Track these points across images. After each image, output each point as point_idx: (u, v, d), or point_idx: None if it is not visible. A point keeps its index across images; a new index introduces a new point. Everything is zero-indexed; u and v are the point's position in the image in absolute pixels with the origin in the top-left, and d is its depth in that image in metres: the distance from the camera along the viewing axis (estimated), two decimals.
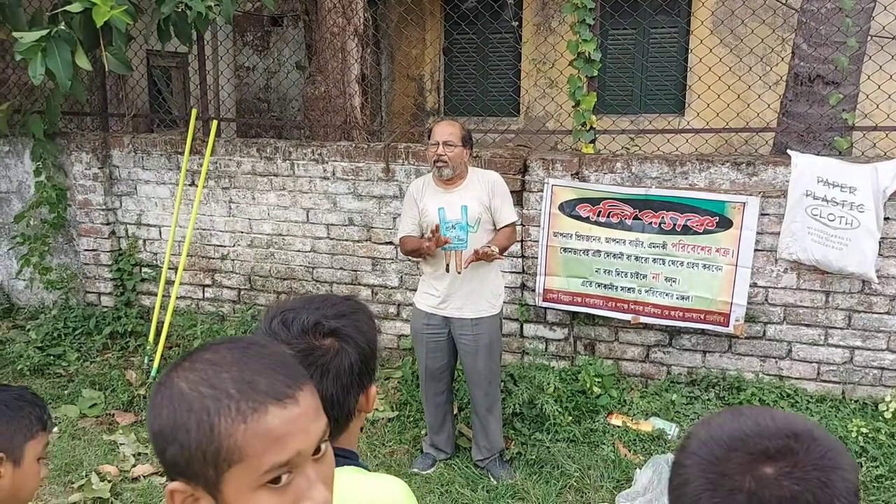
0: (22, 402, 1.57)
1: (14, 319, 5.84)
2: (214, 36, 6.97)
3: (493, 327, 3.81)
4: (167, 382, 0.89)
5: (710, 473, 0.84)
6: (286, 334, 1.26)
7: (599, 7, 4.55)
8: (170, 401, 0.87)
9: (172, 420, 0.86)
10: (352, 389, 1.28)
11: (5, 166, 5.89)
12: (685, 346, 4.46)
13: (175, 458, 0.87)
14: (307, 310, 1.30)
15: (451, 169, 3.65)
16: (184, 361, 0.91)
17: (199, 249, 5.43)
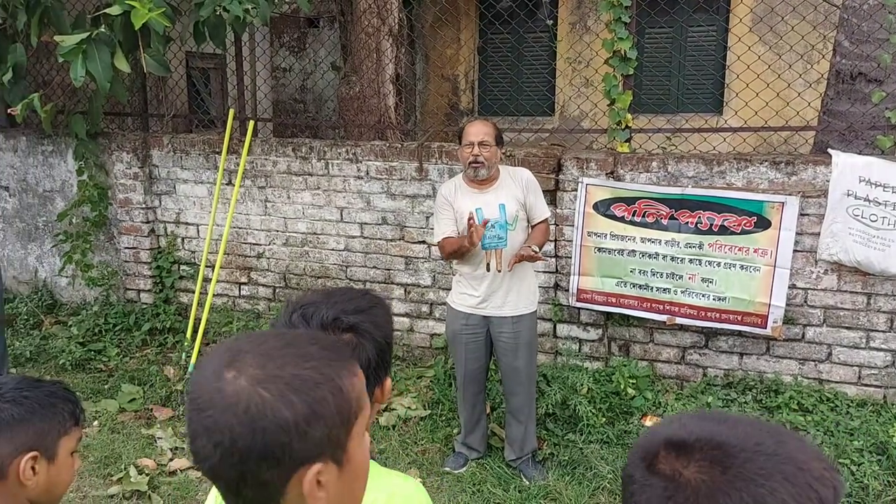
0: (54, 398, 1.58)
1: (57, 315, 5.98)
2: (252, 37, 7.06)
3: (531, 325, 3.80)
4: (263, 380, 0.87)
5: (638, 459, 0.88)
6: (305, 329, 1.29)
7: (636, 5, 4.50)
8: (290, 387, 0.87)
9: (308, 400, 0.87)
10: (368, 383, 1.28)
11: (49, 165, 6.04)
12: (722, 348, 4.40)
13: (321, 437, 0.88)
14: (326, 305, 1.32)
15: (487, 169, 3.64)
16: (243, 361, 0.89)
17: (236, 248, 5.51)
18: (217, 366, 0.90)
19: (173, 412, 4.57)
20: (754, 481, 0.82)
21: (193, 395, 0.90)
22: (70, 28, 4.49)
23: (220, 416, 0.86)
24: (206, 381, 0.89)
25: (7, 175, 6.19)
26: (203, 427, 0.87)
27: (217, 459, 0.87)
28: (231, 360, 0.89)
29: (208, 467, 0.89)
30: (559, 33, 8.01)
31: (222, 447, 0.86)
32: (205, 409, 0.88)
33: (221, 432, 0.86)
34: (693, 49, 7.64)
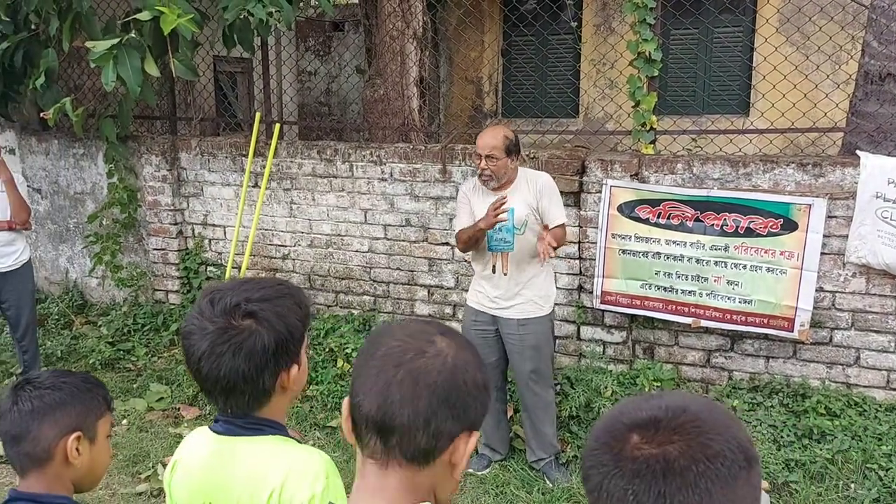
0: (88, 384, 1.67)
1: (87, 315, 6.09)
2: (278, 41, 7.13)
3: (541, 329, 3.79)
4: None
5: (592, 441, 0.91)
6: (210, 312, 1.38)
7: (661, 6, 4.49)
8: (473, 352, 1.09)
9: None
10: (266, 368, 1.38)
11: (80, 168, 6.15)
12: (748, 352, 4.36)
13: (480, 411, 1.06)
14: (234, 291, 1.41)
15: (494, 181, 3.69)
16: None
17: (262, 249, 5.57)
18: (424, 329, 1.09)
19: (200, 411, 4.63)
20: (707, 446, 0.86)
21: (393, 346, 1.05)
22: (101, 33, 4.57)
23: (429, 361, 1.03)
24: (414, 337, 1.06)
25: (39, 177, 6.31)
26: (407, 370, 1.02)
27: (414, 399, 1.01)
28: (437, 329, 1.09)
29: (399, 409, 1.01)
30: (583, 35, 7.99)
31: (425, 387, 1.02)
32: (414, 354, 1.04)
33: (429, 375, 1.02)
34: (719, 50, 7.57)
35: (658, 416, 0.88)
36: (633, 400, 0.95)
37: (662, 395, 0.94)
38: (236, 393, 1.39)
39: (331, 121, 9.14)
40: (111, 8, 5.95)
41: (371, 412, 1.02)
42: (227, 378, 1.36)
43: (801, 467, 3.77)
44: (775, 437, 3.95)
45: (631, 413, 0.90)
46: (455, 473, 1.06)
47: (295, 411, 4.46)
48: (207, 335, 1.36)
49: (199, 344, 1.37)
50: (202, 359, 1.36)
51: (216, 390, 1.40)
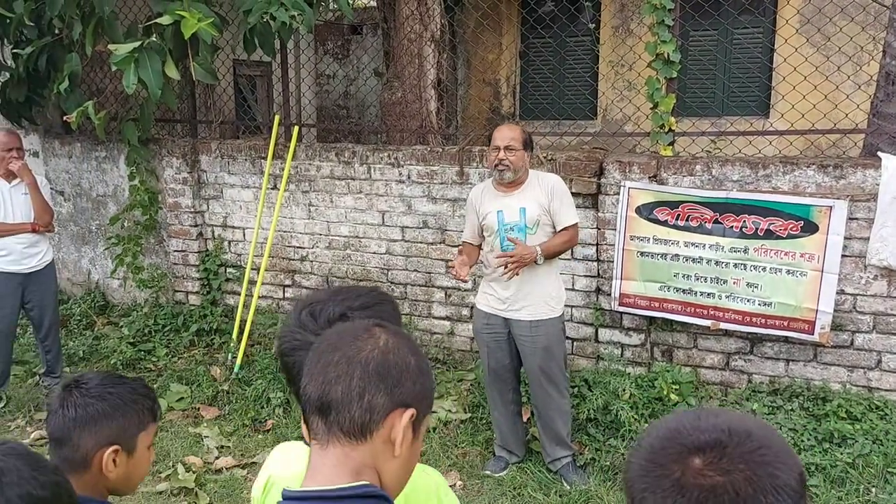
0: (136, 395, 1.67)
1: (109, 316, 6.16)
2: (297, 45, 7.18)
3: (552, 330, 3.78)
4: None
5: (646, 461, 0.88)
6: (313, 325, 1.34)
7: (679, 8, 4.47)
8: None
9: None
10: None
11: (102, 171, 6.23)
12: (767, 354, 4.33)
13: (418, 391, 1.14)
14: (333, 301, 1.38)
15: (512, 172, 3.68)
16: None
17: (280, 251, 5.60)
18: (367, 325, 1.16)
19: (220, 411, 4.67)
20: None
21: (335, 337, 1.13)
22: (123, 38, 4.63)
23: (363, 344, 1.11)
24: (355, 328, 1.14)
25: (62, 180, 6.40)
26: (343, 353, 1.10)
27: (347, 376, 1.08)
28: (377, 324, 1.16)
29: (335, 386, 1.07)
30: (602, 37, 7.98)
31: (358, 365, 1.09)
32: (350, 339, 1.12)
33: (361, 353, 1.10)
34: (738, 52, 7.52)
35: (722, 441, 0.86)
36: (687, 417, 0.92)
37: (718, 414, 0.91)
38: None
39: (349, 123, 9.18)
40: (133, 12, 6.03)
41: (313, 395, 1.09)
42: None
43: (822, 471, 3.74)
44: (795, 440, 3.92)
45: (690, 433, 0.88)
46: (395, 451, 1.08)
47: None
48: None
49: (306, 358, 1.30)
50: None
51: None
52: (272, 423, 4.50)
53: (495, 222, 3.73)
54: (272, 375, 4.77)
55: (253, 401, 4.66)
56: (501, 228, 3.71)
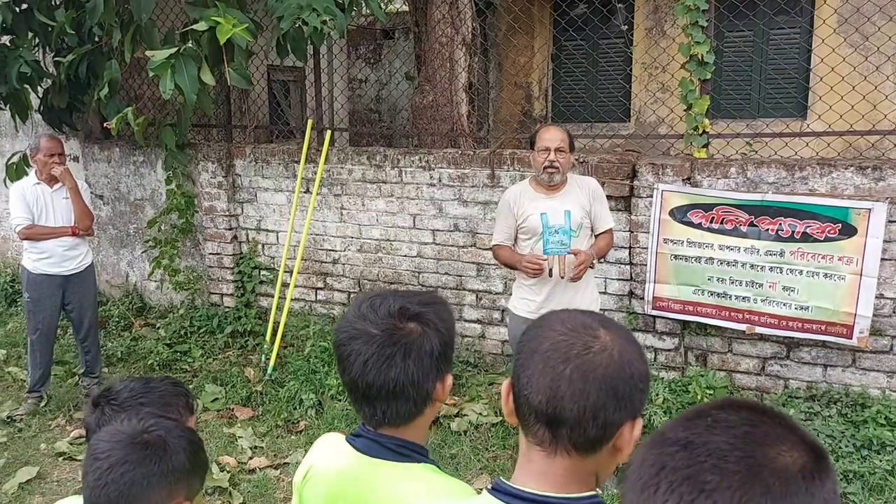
0: (168, 396, 1.70)
1: (146, 318, 6.27)
2: (329, 50, 7.25)
3: None
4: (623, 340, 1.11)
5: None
6: (374, 316, 1.35)
7: (714, 9, 4.43)
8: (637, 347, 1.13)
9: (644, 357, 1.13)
10: (430, 373, 1.35)
11: (140, 175, 6.35)
12: (804, 359, 4.26)
13: (644, 399, 1.12)
14: (393, 297, 1.39)
15: (561, 174, 3.66)
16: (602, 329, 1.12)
17: (313, 254, 5.66)
18: (586, 323, 1.09)
19: (254, 412, 4.72)
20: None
21: (559, 341, 1.07)
22: (161, 45, 4.72)
23: (597, 357, 1.05)
24: (577, 332, 1.07)
25: (102, 184, 6.53)
26: (576, 365, 1.04)
27: (584, 394, 1.03)
28: (599, 321, 1.11)
29: (570, 402, 1.03)
30: (635, 38, 7.92)
31: (595, 382, 1.04)
32: (581, 350, 1.05)
33: (597, 370, 1.05)
34: (774, 52, 7.42)
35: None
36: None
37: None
38: (401, 399, 1.34)
39: (381, 127, 9.23)
40: (170, 20, 6.14)
41: (541, 405, 1.05)
42: (395, 381, 1.32)
43: (860, 479, 3.66)
44: (833, 447, 3.85)
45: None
46: (619, 457, 1.08)
47: (344, 414, 4.51)
48: (374, 339, 1.33)
49: (363, 348, 1.33)
50: (368, 362, 1.32)
51: (380, 396, 1.34)
52: (305, 424, 4.54)
53: (539, 224, 3.67)
54: (305, 377, 4.82)
55: (286, 402, 4.71)
56: (546, 231, 3.66)
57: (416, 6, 6.04)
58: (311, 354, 5.04)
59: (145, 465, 1.33)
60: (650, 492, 0.78)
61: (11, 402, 4.90)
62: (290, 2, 4.33)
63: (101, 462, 1.34)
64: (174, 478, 1.35)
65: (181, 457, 1.37)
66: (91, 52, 5.33)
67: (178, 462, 1.36)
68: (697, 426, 0.82)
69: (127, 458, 1.33)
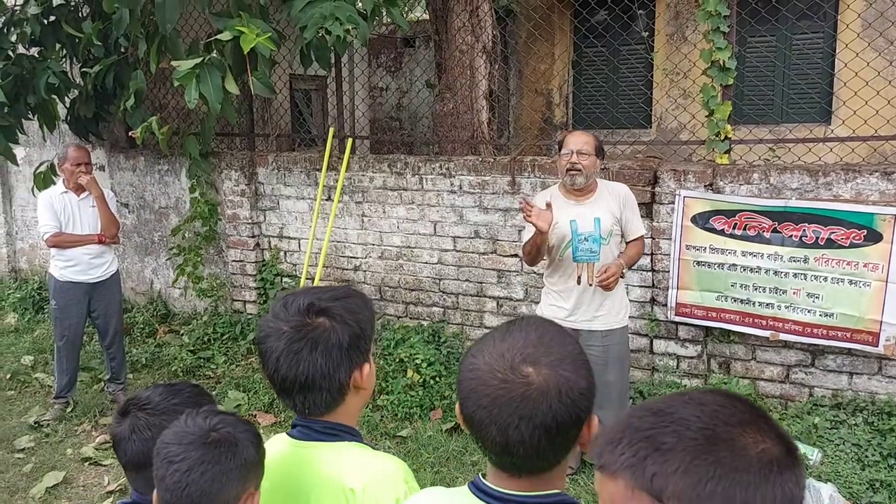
0: (196, 397, 1.73)
1: (170, 324, 6.34)
2: (351, 59, 7.31)
3: (622, 339, 3.76)
4: (556, 364, 1.13)
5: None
6: (285, 314, 1.43)
7: (735, 14, 4.41)
8: (573, 363, 1.15)
9: (587, 368, 1.16)
10: (341, 364, 1.42)
11: (165, 184, 6.43)
12: (829, 367, 4.21)
13: (589, 408, 1.17)
14: (305, 294, 1.46)
15: (584, 178, 3.62)
16: (529, 355, 1.12)
17: (334, 261, 5.69)
18: (512, 364, 1.08)
19: (276, 418, 4.75)
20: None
21: (496, 395, 1.08)
22: (185, 55, 4.78)
23: (538, 403, 1.06)
24: (508, 381, 1.07)
25: (127, 193, 6.62)
26: (520, 416, 1.06)
27: (535, 439, 1.06)
28: (523, 358, 1.09)
29: (524, 449, 1.07)
30: (656, 44, 7.90)
31: (542, 426, 1.06)
32: (519, 401, 1.06)
33: (542, 414, 1.06)
34: (797, 57, 7.36)
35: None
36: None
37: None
38: (314, 390, 1.42)
39: (401, 135, 9.27)
40: (194, 30, 6.22)
41: (496, 450, 1.12)
42: (306, 375, 1.40)
43: (887, 488, 3.61)
44: (859, 456, 3.80)
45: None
46: (585, 448, 1.13)
47: (365, 420, 4.53)
48: (284, 335, 1.40)
49: (275, 345, 1.41)
50: (280, 358, 1.40)
51: (294, 389, 1.42)
52: None
53: (568, 232, 3.62)
54: None
55: None
56: (575, 238, 3.62)
57: (437, 14, 6.07)
58: None
59: (222, 463, 1.37)
60: (612, 445, 0.85)
61: (39, 408, 4.98)
62: (313, 11, 4.37)
63: (177, 465, 1.37)
64: (247, 470, 1.40)
65: (251, 449, 1.42)
66: (117, 62, 5.42)
67: (249, 455, 1.41)
68: (674, 401, 0.87)
69: (203, 458, 1.37)
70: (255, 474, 1.44)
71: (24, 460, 4.35)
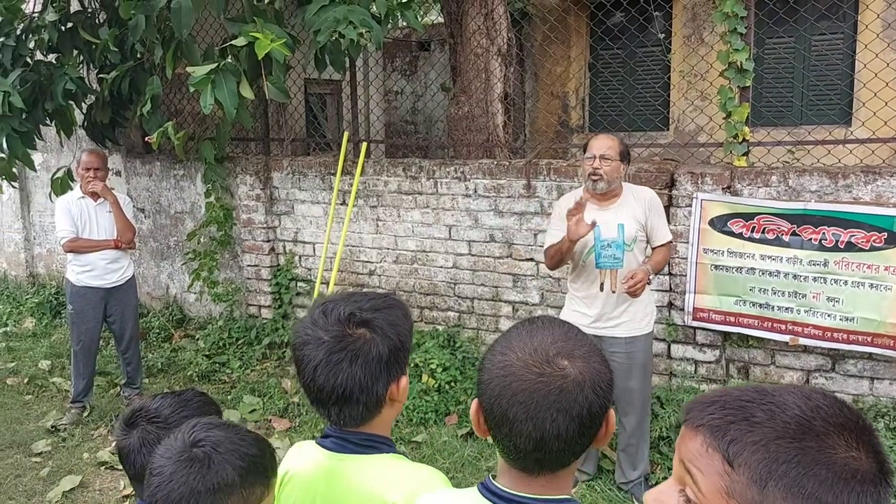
0: (204, 402, 1.74)
1: (186, 329, 6.36)
2: (366, 63, 7.31)
3: (646, 346, 3.70)
4: (586, 357, 1.15)
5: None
6: (324, 322, 1.39)
7: (753, 15, 4.36)
8: (598, 356, 1.16)
9: (606, 361, 1.18)
10: (380, 377, 1.38)
11: (180, 189, 6.45)
12: (850, 372, 4.14)
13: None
14: (345, 302, 1.42)
15: (605, 183, 3.55)
16: (563, 350, 1.13)
17: (349, 265, 5.68)
18: (548, 358, 1.09)
19: (290, 423, 4.74)
20: None
21: (534, 388, 1.08)
22: (200, 60, 4.80)
23: (574, 394, 1.07)
24: (545, 374, 1.08)
25: (143, 198, 6.66)
26: (558, 409, 1.07)
27: (571, 430, 1.07)
28: (557, 351, 1.10)
29: (560, 441, 1.08)
30: (672, 46, 7.84)
31: (579, 417, 1.07)
32: (557, 394, 1.07)
33: (579, 405, 1.07)
34: (816, 59, 7.28)
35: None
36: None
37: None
38: (351, 403, 1.38)
39: (416, 139, 9.27)
40: (209, 36, 6.25)
41: (527, 447, 1.11)
42: (344, 387, 1.36)
43: None
44: None
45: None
46: (601, 444, 1.15)
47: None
48: (323, 344, 1.37)
49: (314, 353, 1.37)
50: (318, 368, 1.36)
51: (330, 401, 1.38)
52: None
53: (591, 237, 3.55)
54: None
55: None
56: (598, 244, 3.55)
57: (452, 17, 6.06)
58: None
59: (190, 482, 1.34)
60: (705, 405, 0.87)
61: (55, 412, 5.00)
62: (327, 15, 4.37)
63: (155, 477, 1.37)
64: (224, 493, 1.35)
65: (227, 471, 1.36)
66: (133, 68, 5.45)
67: (224, 477, 1.36)
68: (782, 388, 0.87)
69: (174, 474, 1.35)
70: (242, 496, 1.38)
71: (41, 464, 4.37)
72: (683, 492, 0.87)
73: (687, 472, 0.87)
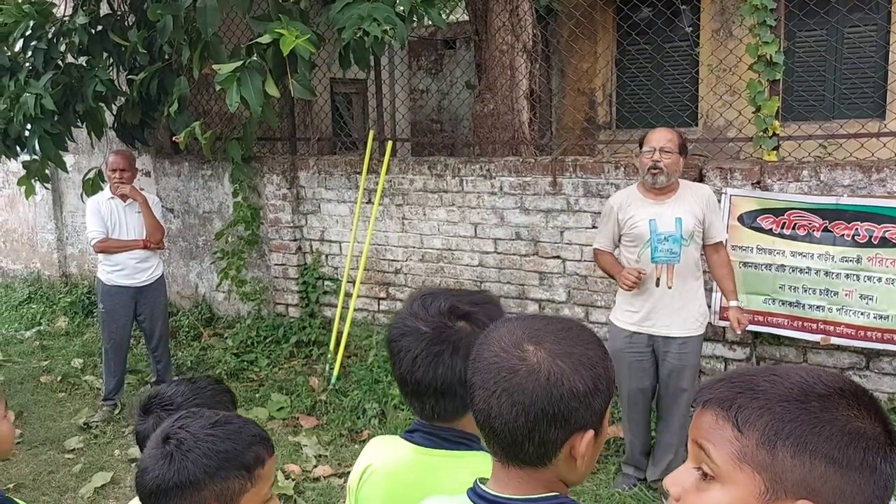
0: (218, 391, 1.77)
1: (214, 328, 6.42)
2: (391, 61, 7.32)
3: (698, 348, 3.65)
4: (559, 354, 1.08)
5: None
6: (424, 314, 1.39)
7: (783, 7, 4.28)
8: (581, 362, 1.07)
9: (593, 375, 1.06)
10: None
11: (208, 189, 6.52)
12: (885, 370, 4.05)
13: (598, 408, 1.08)
14: (445, 296, 1.42)
15: (665, 177, 3.49)
16: (541, 337, 1.08)
17: (375, 264, 5.69)
18: (517, 338, 1.07)
19: (318, 421, 4.77)
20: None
21: (491, 361, 1.07)
22: (227, 59, 4.84)
23: (523, 380, 1.03)
24: (507, 350, 1.06)
25: (172, 198, 6.73)
26: (503, 388, 1.04)
27: (512, 416, 1.03)
28: (531, 336, 1.07)
29: (501, 423, 1.05)
30: (701, 40, 7.74)
31: (521, 406, 1.03)
32: (507, 373, 1.04)
33: (524, 394, 1.02)
34: (849, 50, 7.14)
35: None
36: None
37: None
38: (449, 396, 1.37)
39: (442, 137, 9.26)
40: (236, 36, 6.30)
41: (480, 422, 1.10)
42: (444, 379, 1.35)
43: None
44: None
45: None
46: (578, 465, 1.08)
47: (405, 422, 4.51)
48: (423, 336, 1.36)
49: (412, 345, 1.37)
50: (417, 359, 1.36)
51: (429, 393, 1.37)
52: (368, 433, 4.56)
53: (646, 231, 3.50)
54: (368, 386, 4.84)
55: (349, 411, 4.74)
56: (654, 238, 3.49)
57: (477, 15, 6.04)
58: (375, 364, 5.07)
59: (157, 477, 1.36)
60: (712, 383, 0.92)
61: (88, 410, 5.08)
62: (351, 13, 4.37)
63: (143, 457, 1.42)
64: (190, 488, 1.35)
65: (189, 468, 1.35)
66: (161, 69, 5.51)
67: (187, 474, 1.35)
68: (789, 366, 0.94)
69: (147, 468, 1.38)
70: (213, 490, 1.35)
71: (73, 461, 4.44)
72: (700, 468, 0.91)
73: (700, 449, 0.90)
